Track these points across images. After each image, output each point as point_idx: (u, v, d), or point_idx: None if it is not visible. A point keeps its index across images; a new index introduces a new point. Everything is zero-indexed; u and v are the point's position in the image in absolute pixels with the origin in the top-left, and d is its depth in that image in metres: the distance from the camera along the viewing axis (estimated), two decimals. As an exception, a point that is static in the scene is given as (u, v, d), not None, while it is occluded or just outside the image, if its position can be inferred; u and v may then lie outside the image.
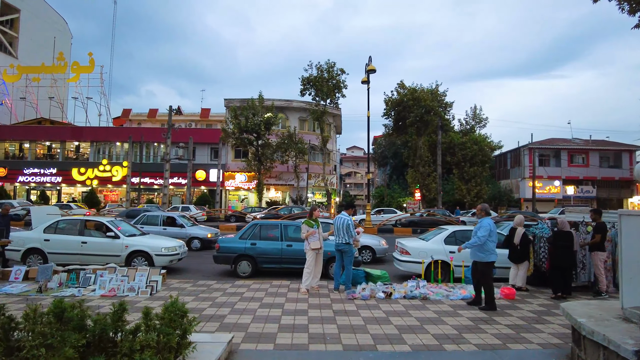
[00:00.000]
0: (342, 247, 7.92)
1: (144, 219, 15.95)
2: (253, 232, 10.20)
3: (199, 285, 8.30)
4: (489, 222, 6.97)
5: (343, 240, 7.90)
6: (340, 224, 7.93)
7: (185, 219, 16.66)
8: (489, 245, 6.86)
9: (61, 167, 40.97)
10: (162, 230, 15.31)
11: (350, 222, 7.95)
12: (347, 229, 7.87)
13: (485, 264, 6.92)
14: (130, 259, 10.16)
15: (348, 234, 7.88)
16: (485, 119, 41.36)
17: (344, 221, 7.92)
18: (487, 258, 6.90)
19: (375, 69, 22.71)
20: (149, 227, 15.37)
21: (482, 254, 6.89)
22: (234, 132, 34.40)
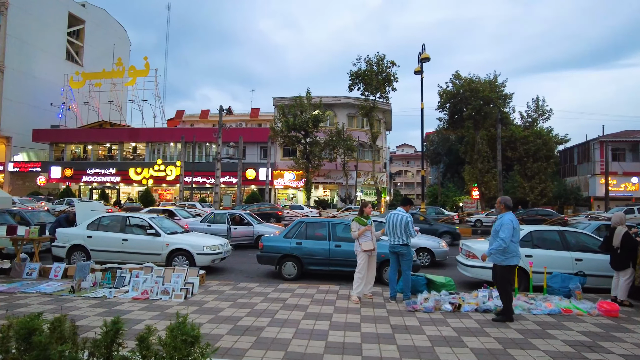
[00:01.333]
0: (399, 249, 6.83)
1: (211, 217, 15.76)
2: (299, 231, 9.33)
3: (239, 289, 7.53)
4: (511, 219, 5.81)
5: (400, 241, 6.81)
6: (396, 222, 6.83)
7: (252, 216, 16.26)
8: (511, 247, 5.74)
9: (120, 167, 42.76)
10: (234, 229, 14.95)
11: (409, 219, 6.83)
12: (405, 227, 6.77)
13: (504, 268, 5.82)
14: (171, 257, 9.66)
15: (406, 234, 6.79)
16: (549, 111, 37.83)
17: (401, 218, 6.81)
18: (507, 261, 5.78)
19: (429, 57, 21.25)
20: (216, 226, 15.21)
21: (502, 256, 5.79)
22: (282, 130, 34.02)
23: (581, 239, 8.43)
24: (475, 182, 34.91)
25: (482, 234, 21.46)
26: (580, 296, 6.96)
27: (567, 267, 7.95)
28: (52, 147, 45.52)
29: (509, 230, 5.72)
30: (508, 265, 5.81)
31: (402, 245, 6.81)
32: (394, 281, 6.95)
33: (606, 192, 33.20)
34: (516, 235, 5.77)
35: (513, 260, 5.75)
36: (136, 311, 5.85)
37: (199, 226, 15.39)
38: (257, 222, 15.94)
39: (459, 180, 51.92)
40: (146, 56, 46.97)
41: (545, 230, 8.70)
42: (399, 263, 7.00)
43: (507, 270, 5.84)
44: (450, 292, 7.15)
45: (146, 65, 46.83)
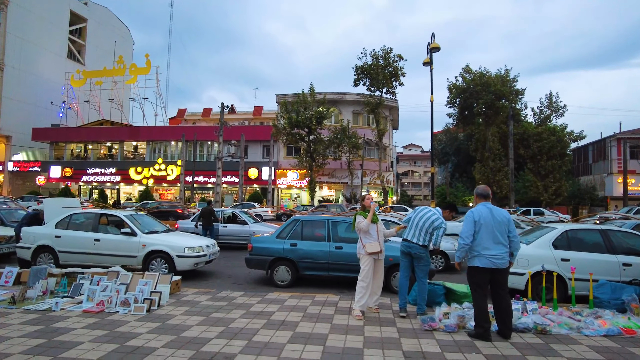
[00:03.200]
0: (416, 251, 5.54)
1: None
2: (293, 230, 8.07)
3: (219, 299, 6.28)
4: (472, 211, 4.82)
5: (419, 241, 5.53)
6: (426, 220, 5.59)
7: (247, 215, 15.08)
8: (475, 244, 4.69)
9: (120, 166, 41.82)
10: (223, 227, 13.96)
11: (443, 225, 5.61)
12: (432, 229, 5.55)
13: (468, 270, 4.84)
14: (148, 260, 8.45)
15: (430, 236, 5.57)
16: (563, 107, 36.29)
17: (433, 219, 5.57)
18: (469, 262, 4.80)
19: (439, 46, 19.80)
20: None
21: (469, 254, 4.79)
22: (284, 128, 32.82)
23: (629, 240, 7.09)
24: (487, 181, 33.45)
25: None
26: (637, 310, 5.62)
27: (613, 274, 6.62)
28: (52, 147, 44.68)
29: (467, 224, 4.74)
30: (470, 267, 4.75)
31: (420, 247, 5.54)
32: (406, 288, 5.67)
33: (625, 191, 31.54)
34: (486, 230, 4.62)
35: (474, 260, 4.66)
36: (78, 329, 4.62)
37: (190, 225, 14.23)
38: (253, 220, 14.74)
39: (468, 180, 50.47)
40: (147, 53, 46.08)
41: (583, 230, 7.35)
42: (411, 268, 5.74)
43: (471, 274, 4.75)
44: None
45: (147, 63, 45.89)
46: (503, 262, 4.59)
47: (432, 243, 5.60)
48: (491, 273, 4.61)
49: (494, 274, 4.61)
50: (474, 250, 4.71)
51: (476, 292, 4.70)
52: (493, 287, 4.68)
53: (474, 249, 4.71)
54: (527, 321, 5.00)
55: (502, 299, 4.63)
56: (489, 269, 4.59)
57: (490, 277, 4.63)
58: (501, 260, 4.58)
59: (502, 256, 4.59)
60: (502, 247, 4.61)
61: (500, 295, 4.65)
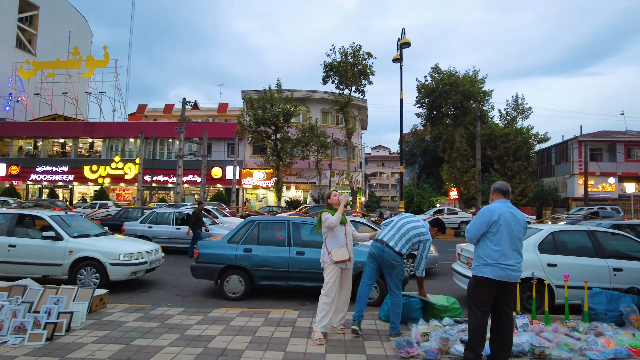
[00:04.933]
0: (389, 257, 4.59)
1: (153, 217, 13.12)
2: (248, 234, 6.99)
3: (151, 318, 5.12)
4: (490, 207, 3.81)
5: (396, 245, 4.62)
6: (410, 225, 4.75)
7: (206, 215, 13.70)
8: (483, 249, 3.75)
9: (73, 164, 39.12)
10: (175, 229, 12.57)
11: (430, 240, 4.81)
12: (417, 240, 4.73)
13: (470, 281, 3.90)
14: (76, 269, 7.14)
15: (409, 246, 4.70)
16: (528, 109, 36.82)
17: (419, 228, 4.75)
18: (473, 270, 3.82)
19: (409, 42, 19.21)
20: (159, 227, 12.71)
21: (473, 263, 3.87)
22: (250, 125, 31.47)
23: (618, 243, 6.47)
24: (454, 181, 33.40)
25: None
26: (638, 323, 4.92)
27: (603, 280, 5.95)
28: (-3, 142, 41.26)
29: (479, 222, 3.78)
30: (477, 278, 3.76)
31: (396, 253, 4.60)
32: (364, 299, 4.69)
33: (585, 193, 32.27)
34: (506, 234, 3.65)
35: (484, 270, 3.68)
36: None
37: (138, 227, 12.82)
38: (209, 222, 13.45)
39: (435, 181, 50.74)
40: (105, 45, 43.49)
41: (571, 231, 6.69)
42: (378, 275, 4.81)
43: (477, 286, 3.77)
44: (456, 319, 4.99)
45: (105, 56, 43.30)
46: (518, 274, 3.70)
47: (415, 267, 4.74)
48: (499, 287, 3.69)
49: (504, 287, 3.67)
50: (487, 257, 3.69)
51: (478, 310, 3.71)
52: (497, 304, 3.76)
53: (485, 255, 3.71)
54: (521, 342, 4.16)
55: (508, 318, 3.73)
56: (500, 282, 3.65)
57: (498, 291, 3.73)
58: (517, 272, 3.68)
59: (518, 267, 3.69)
60: (519, 255, 3.71)
61: (506, 314, 3.73)
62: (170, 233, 12.58)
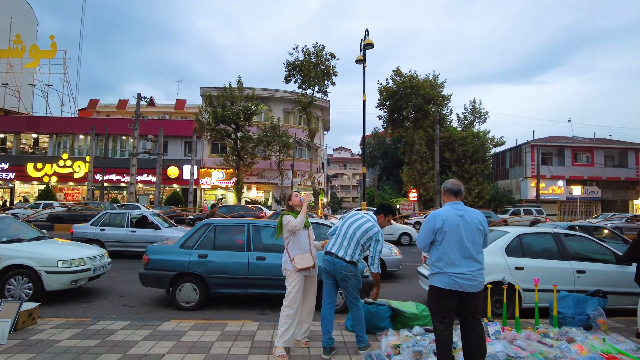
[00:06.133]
0: (342, 269, 4.09)
1: (105, 218, 12.05)
2: (203, 238, 6.43)
3: (89, 335, 4.50)
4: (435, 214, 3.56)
5: (346, 255, 4.12)
6: (354, 226, 4.23)
7: (160, 218, 12.78)
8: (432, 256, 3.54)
9: (15, 161, 36.28)
10: (130, 232, 11.64)
11: (379, 235, 4.20)
12: (367, 240, 4.17)
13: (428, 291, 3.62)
14: (4, 278, 6.30)
15: (361, 249, 4.19)
16: (485, 114, 38.14)
17: (364, 224, 4.21)
18: (430, 280, 3.58)
19: (372, 43, 19.06)
20: (112, 230, 11.73)
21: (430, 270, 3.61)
22: (209, 123, 30.38)
23: (581, 245, 6.49)
24: (413, 183, 33.90)
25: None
26: (604, 326, 4.87)
27: (567, 282, 5.91)
28: None
29: (423, 231, 3.58)
30: (430, 288, 3.55)
31: (347, 263, 4.09)
32: (330, 320, 4.17)
33: (538, 195, 33.77)
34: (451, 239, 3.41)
35: (433, 279, 3.48)
36: None
37: (89, 230, 11.82)
38: (166, 224, 12.62)
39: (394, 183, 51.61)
40: (53, 35, 40.78)
41: (536, 234, 6.64)
42: (337, 290, 4.34)
43: (431, 297, 3.54)
44: (426, 327, 4.73)
45: (52, 46, 40.60)
46: (474, 283, 3.34)
47: (369, 263, 4.16)
48: (458, 297, 3.42)
49: (463, 298, 3.41)
50: (435, 266, 3.47)
51: (437, 322, 3.45)
52: (461, 314, 3.50)
53: (434, 264, 3.49)
54: (496, 353, 3.93)
55: (472, 329, 3.45)
56: (454, 291, 3.40)
57: (458, 302, 3.44)
58: (471, 281, 3.34)
59: (472, 275, 3.35)
60: (472, 262, 3.37)
61: (470, 325, 3.46)
62: (124, 236, 11.61)
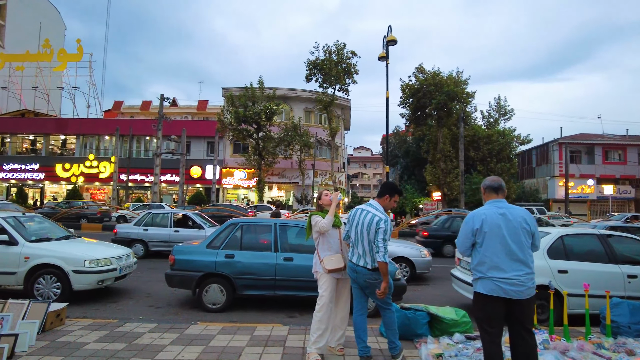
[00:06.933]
0: (365, 279, 3.72)
1: (149, 219, 12.02)
2: (230, 238, 6.28)
3: (116, 337, 4.39)
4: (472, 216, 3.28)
5: (367, 263, 3.70)
6: (363, 225, 3.74)
7: (202, 218, 12.70)
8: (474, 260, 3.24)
9: (44, 162, 37.33)
10: (174, 232, 11.51)
11: (382, 223, 3.64)
12: (372, 236, 3.67)
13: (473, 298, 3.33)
14: (33, 278, 6.30)
15: (376, 249, 3.62)
16: (510, 111, 37.06)
17: (371, 220, 3.69)
18: (473, 286, 3.27)
19: (395, 39, 18.72)
20: (155, 230, 11.66)
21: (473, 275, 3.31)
22: (231, 123, 30.55)
23: (629, 247, 6.05)
24: (437, 182, 33.23)
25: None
26: (665, 338, 4.47)
27: (617, 288, 5.49)
28: (-39, 138, 39.08)
29: (462, 233, 3.29)
30: (473, 293, 3.26)
31: (370, 271, 3.68)
32: (364, 329, 3.85)
33: (566, 195, 32.58)
34: (493, 241, 3.10)
35: (477, 285, 3.18)
36: None
37: (132, 230, 11.81)
38: (209, 224, 12.44)
39: (416, 182, 50.85)
40: (79, 39, 41.75)
41: (580, 235, 6.23)
42: (367, 297, 3.94)
43: (475, 304, 3.26)
44: (467, 334, 4.43)
45: (79, 49, 41.55)
46: (521, 289, 3.01)
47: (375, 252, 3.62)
48: (506, 304, 3.11)
49: (511, 305, 3.10)
50: (477, 270, 3.17)
51: (484, 331, 3.14)
52: (510, 323, 3.19)
53: (476, 268, 3.19)
54: (548, 364, 3.62)
55: (522, 340, 3.13)
56: (500, 298, 3.08)
57: (506, 309, 3.13)
58: (518, 286, 3.01)
59: (520, 280, 3.01)
60: (520, 266, 3.04)
61: (519, 335, 3.14)
62: (167, 236, 11.46)
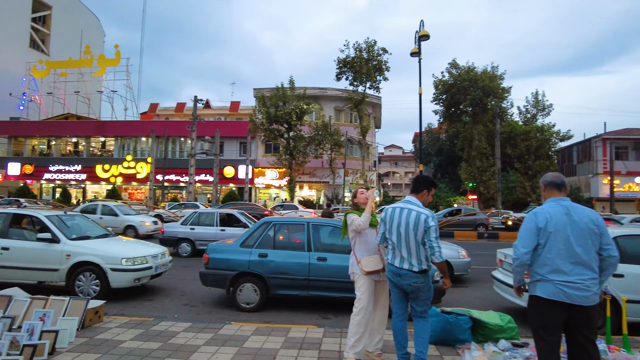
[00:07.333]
0: (410, 282, 3.43)
1: (195, 218, 12.29)
2: (263, 237, 6.22)
3: (152, 336, 4.40)
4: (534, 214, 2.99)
5: (413, 265, 3.42)
6: (408, 226, 3.44)
7: (247, 217, 12.91)
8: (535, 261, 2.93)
9: (85, 163, 39.03)
10: (220, 231, 11.72)
11: (431, 220, 3.42)
12: (421, 236, 3.41)
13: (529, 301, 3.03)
14: (74, 275, 6.47)
15: (431, 251, 3.39)
16: (549, 106, 35.54)
17: (418, 219, 3.41)
18: (530, 289, 3.00)
19: (428, 34, 18.28)
20: (202, 229, 11.89)
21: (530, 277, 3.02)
22: (262, 123, 30.84)
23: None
24: (473, 181, 32.30)
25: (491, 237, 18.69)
26: None
27: (680, 293, 5.05)
28: (11, 142, 41.34)
29: (525, 230, 2.97)
30: (531, 298, 2.97)
31: (417, 274, 3.41)
32: (404, 335, 3.58)
33: (611, 193, 30.87)
34: (557, 241, 2.83)
35: (535, 288, 2.90)
36: None
37: (179, 229, 12.05)
38: (253, 223, 12.55)
39: (450, 181, 49.69)
40: (117, 44, 43.37)
41: (637, 236, 5.78)
42: (407, 300, 3.63)
43: (532, 308, 2.97)
44: (513, 341, 4.15)
45: (117, 54, 43.19)
46: (586, 294, 2.75)
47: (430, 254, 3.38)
48: (567, 310, 2.85)
49: (572, 312, 2.84)
50: (536, 272, 2.91)
51: (540, 338, 2.88)
52: (570, 332, 2.92)
53: (535, 270, 2.92)
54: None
55: (584, 352, 2.85)
56: (561, 303, 2.83)
57: (567, 316, 2.87)
58: (583, 291, 2.75)
59: (584, 285, 2.75)
60: (584, 269, 2.78)
61: (580, 346, 2.86)
62: (214, 235, 11.51)
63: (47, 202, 29.86)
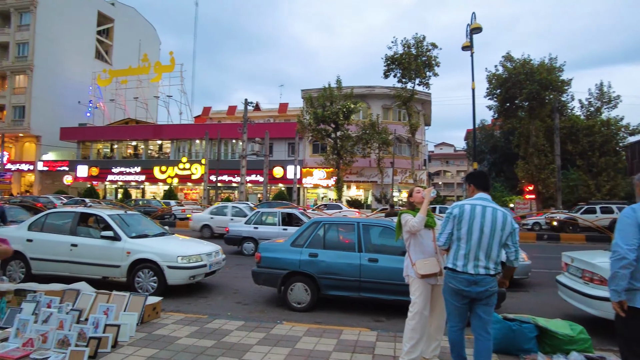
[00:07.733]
0: (487, 287, 3.13)
1: (258, 217, 12.66)
2: (313, 236, 6.19)
3: (206, 334, 4.48)
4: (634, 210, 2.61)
5: (489, 269, 3.13)
6: (494, 226, 3.14)
7: (307, 217, 13.11)
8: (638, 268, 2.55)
9: (144, 165, 41.26)
10: (282, 230, 12.01)
11: (513, 220, 3.22)
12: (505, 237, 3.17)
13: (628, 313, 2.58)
14: (134, 271, 6.78)
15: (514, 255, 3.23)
16: (616, 98, 32.75)
17: (499, 220, 3.15)
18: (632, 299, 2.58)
19: (480, 27, 17.52)
20: (265, 228, 12.22)
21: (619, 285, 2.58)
22: (310, 124, 31.04)
23: None
24: (530, 179, 30.54)
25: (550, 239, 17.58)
26: None
27: None
28: (79, 146, 44.72)
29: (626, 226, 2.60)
30: (633, 308, 2.55)
31: (493, 277, 3.15)
32: (462, 345, 3.33)
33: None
34: None
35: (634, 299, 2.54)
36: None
37: (243, 228, 12.43)
38: None
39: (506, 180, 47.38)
40: (172, 51, 45.43)
41: None
42: (468, 313, 3.31)
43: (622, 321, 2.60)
44: (586, 354, 3.80)
45: (171, 61, 45.25)
46: None
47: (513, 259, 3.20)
48: None
49: None
50: (637, 279, 2.56)
51: (636, 356, 2.56)
52: None
53: (636, 276, 2.56)
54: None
55: None
56: None
57: None
58: None
59: None
60: None
61: None
62: (277, 234, 11.73)
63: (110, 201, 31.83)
